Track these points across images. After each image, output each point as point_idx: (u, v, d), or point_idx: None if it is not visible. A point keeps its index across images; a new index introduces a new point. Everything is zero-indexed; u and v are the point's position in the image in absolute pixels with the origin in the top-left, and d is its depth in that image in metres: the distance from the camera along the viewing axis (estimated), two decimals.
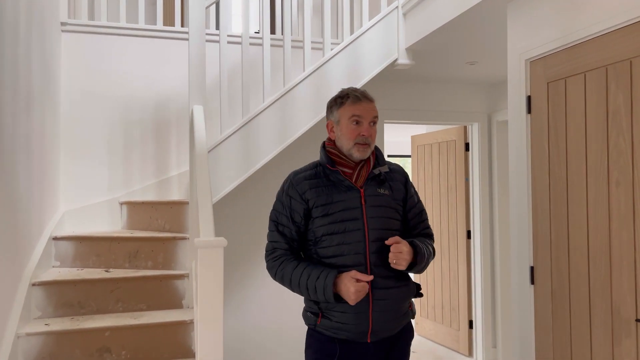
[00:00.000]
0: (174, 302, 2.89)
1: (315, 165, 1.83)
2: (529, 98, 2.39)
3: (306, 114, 3.14)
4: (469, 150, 4.64)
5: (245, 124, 3.05)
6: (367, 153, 1.77)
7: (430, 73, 4.12)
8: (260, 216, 3.90)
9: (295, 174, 1.83)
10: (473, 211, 4.58)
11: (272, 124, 3.10)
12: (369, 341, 1.72)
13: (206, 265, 1.98)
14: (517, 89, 2.46)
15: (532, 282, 2.36)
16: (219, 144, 3.01)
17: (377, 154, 1.84)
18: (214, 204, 3.02)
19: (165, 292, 2.89)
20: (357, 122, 1.75)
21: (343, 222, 1.72)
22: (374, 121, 1.78)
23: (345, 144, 1.77)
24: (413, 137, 5.33)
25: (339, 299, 1.68)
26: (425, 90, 4.42)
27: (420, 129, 5.67)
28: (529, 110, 2.39)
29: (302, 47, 3.28)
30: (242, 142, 3.04)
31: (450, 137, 4.81)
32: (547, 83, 2.27)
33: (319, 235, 1.75)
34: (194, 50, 2.94)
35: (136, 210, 3.45)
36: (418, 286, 1.84)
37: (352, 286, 1.63)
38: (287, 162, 3.90)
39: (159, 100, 3.68)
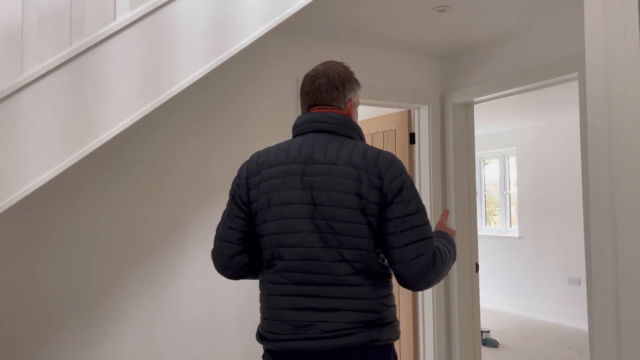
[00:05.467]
0: None
1: None
2: None
3: (199, 49, 1.75)
4: (414, 143, 3.52)
5: (78, 55, 1.58)
6: None
7: (363, 27, 2.92)
8: (96, 236, 2.39)
9: None
10: None
11: (133, 62, 1.66)
12: None
13: None
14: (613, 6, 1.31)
15: None
16: (21, 90, 1.50)
17: None
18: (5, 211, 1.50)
19: None
20: None
21: None
22: None
23: None
24: None
25: None
26: (350, 57, 3.21)
27: None
28: None
29: None
30: (71, 91, 1.56)
31: (389, 125, 3.66)
32: None
33: None
34: None
35: None
36: None
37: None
38: (160, 134, 2.49)
39: None
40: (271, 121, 2.88)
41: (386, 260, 1.45)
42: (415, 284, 1.38)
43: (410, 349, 3.43)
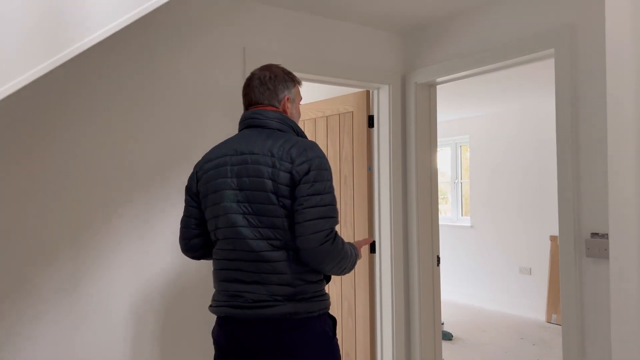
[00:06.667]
0: None
1: None
2: None
3: None
4: (373, 127, 3.24)
5: None
6: None
7: None
8: None
9: None
10: (379, 213, 3.18)
11: (18, 9, 1.26)
12: None
13: None
14: None
15: None
16: None
17: None
18: None
19: None
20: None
21: None
22: None
23: (297, 122, 1.78)
24: None
25: None
26: (303, 27, 2.87)
27: None
28: None
29: None
30: None
31: (345, 107, 3.35)
32: None
33: None
34: None
35: None
36: None
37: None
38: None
39: None
40: (213, 97, 2.50)
41: None
42: (312, 257, 1.55)
43: (367, 344, 3.18)
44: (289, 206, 1.56)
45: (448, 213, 7.27)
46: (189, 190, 1.76)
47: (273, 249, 1.57)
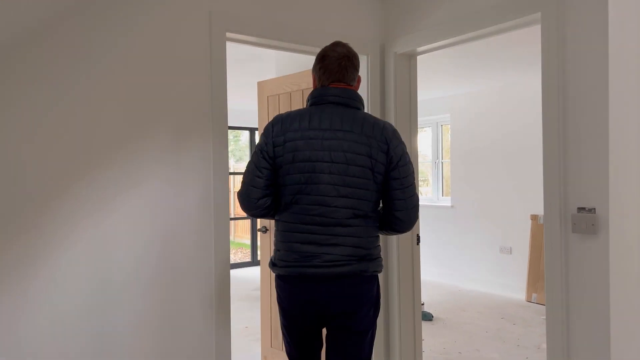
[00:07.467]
0: None
1: None
2: None
3: None
4: None
5: None
6: None
7: None
8: None
9: None
10: None
11: None
12: None
13: None
14: None
15: None
16: None
17: None
18: None
19: None
20: None
21: None
22: None
23: None
24: (261, 84, 3.58)
25: None
26: None
27: (269, 71, 3.95)
28: None
29: None
30: None
31: None
32: None
33: None
34: None
35: None
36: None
37: None
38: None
39: None
40: (177, 66, 2.31)
41: (382, 209, 1.91)
42: (407, 226, 1.88)
43: None
44: (380, 181, 1.81)
45: (428, 194, 7.18)
46: (264, 153, 1.83)
47: (354, 217, 1.78)
